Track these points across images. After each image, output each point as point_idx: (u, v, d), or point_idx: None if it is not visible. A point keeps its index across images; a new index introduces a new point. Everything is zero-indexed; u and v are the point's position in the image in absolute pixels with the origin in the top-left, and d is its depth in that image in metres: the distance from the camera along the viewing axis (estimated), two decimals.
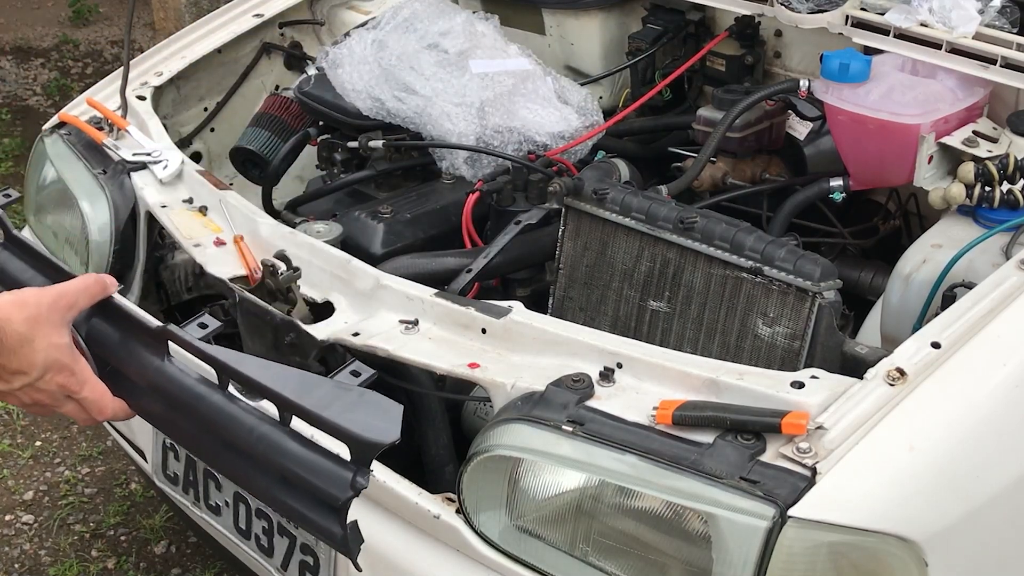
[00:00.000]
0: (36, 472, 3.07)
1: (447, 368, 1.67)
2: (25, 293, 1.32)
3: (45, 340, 1.29)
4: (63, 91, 5.21)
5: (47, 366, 1.30)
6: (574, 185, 1.98)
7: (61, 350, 1.30)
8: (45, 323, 1.29)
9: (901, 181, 2.08)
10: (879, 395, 1.46)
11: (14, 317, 1.27)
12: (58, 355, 1.30)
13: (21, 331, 1.27)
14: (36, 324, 1.28)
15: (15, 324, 1.27)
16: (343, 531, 1.25)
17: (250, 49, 2.70)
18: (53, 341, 1.30)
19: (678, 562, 1.46)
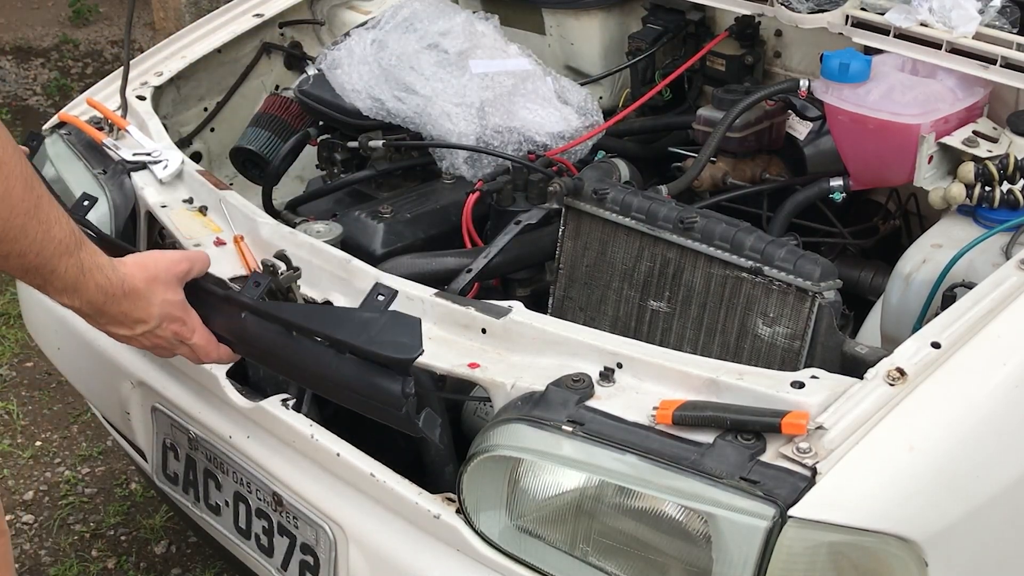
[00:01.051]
0: (36, 472, 3.07)
1: (447, 368, 1.67)
2: (148, 256, 1.59)
3: (160, 296, 1.57)
4: (63, 91, 5.22)
5: (162, 316, 1.58)
6: (574, 185, 1.98)
7: (174, 305, 1.60)
8: (162, 282, 1.57)
9: (901, 181, 2.08)
10: (879, 395, 1.46)
11: (137, 275, 1.54)
12: (171, 309, 1.59)
13: (140, 288, 1.54)
14: (154, 282, 1.56)
15: (137, 282, 1.54)
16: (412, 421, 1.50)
17: (250, 49, 2.70)
18: (167, 297, 1.58)
19: (678, 562, 1.46)
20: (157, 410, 2.04)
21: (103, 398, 2.27)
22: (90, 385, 2.33)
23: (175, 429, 2.01)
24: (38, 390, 3.38)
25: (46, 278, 1.45)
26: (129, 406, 2.12)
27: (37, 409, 3.30)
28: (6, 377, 3.42)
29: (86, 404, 3.04)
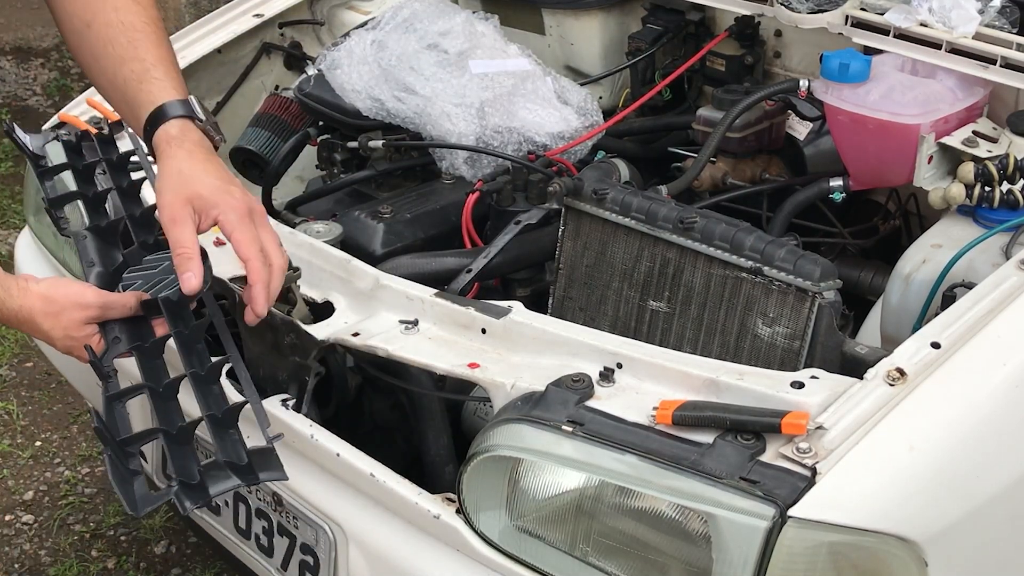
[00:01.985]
0: (36, 472, 3.07)
1: (447, 368, 1.67)
2: (58, 290, 1.54)
3: (62, 330, 1.54)
4: (63, 91, 5.22)
5: (65, 349, 1.57)
6: (574, 185, 1.98)
7: (77, 340, 1.55)
8: (63, 320, 1.53)
9: (901, 181, 2.08)
10: (879, 395, 1.46)
11: (36, 308, 1.51)
12: (74, 344, 1.56)
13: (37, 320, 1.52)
14: (55, 319, 1.52)
15: (35, 315, 1.52)
16: None
17: (250, 49, 2.70)
18: (70, 333, 1.54)
19: (678, 562, 1.46)
20: None
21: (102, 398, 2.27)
22: (90, 385, 2.33)
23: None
24: (38, 390, 3.38)
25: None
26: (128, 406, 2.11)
27: (37, 409, 3.30)
28: (6, 377, 3.42)
29: (86, 404, 3.03)
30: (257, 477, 1.43)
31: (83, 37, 1.67)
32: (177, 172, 1.52)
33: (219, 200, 1.50)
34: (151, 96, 1.59)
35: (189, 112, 1.59)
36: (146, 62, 1.62)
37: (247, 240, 1.50)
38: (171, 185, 1.51)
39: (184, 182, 1.50)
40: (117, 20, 1.65)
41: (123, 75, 1.62)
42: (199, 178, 1.51)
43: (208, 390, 1.53)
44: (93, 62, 1.67)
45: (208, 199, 1.50)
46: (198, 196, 1.50)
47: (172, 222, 1.49)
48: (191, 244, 1.48)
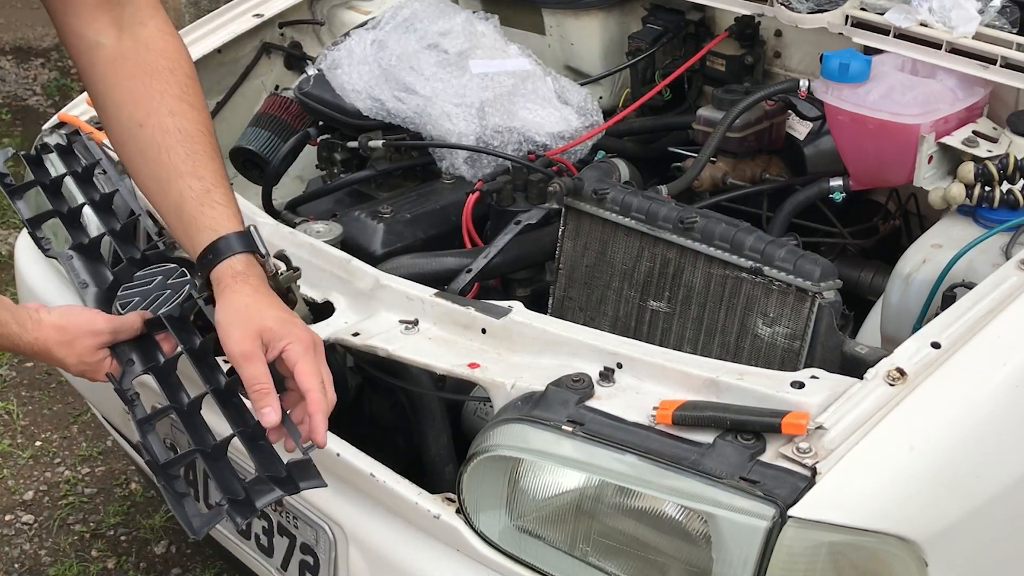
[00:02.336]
0: (36, 472, 3.07)
1: (447, 368, 1.67)
2: (70, 319, 1.59)
3: (75, 359, 1.59)
4: (63, 91, 5.22)
5: (81, 373, 1.62)
6: (574, 185, 1.98)
7: (91, 365, 1.61)
8: (77, 348, 1.58)
9: (901, 181, 2.08)
10: (879, 395, 1.46)
11: (51, 340, 1.56)
12: (88, 369, 1.61)
13: (52, 350, 1.58)
14: (68, 347, 1.58)
15: (50, 345, 1.57)
16: None
17: (250, 49, 2.70)
18: (84, 359, 1.60)
19: (678, 562, 1.46)
20: None
21: (103, 398, 2.27)
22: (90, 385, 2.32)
23: (175, 429, 2.01)
24: (38, 390, 3.38)
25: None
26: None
27: (37, 409, 3.30)
28: (6, 377, 3.42)
29: (86, 404, 3.04)
30: (297, 487, 1.49)
31: (133, 136, 1.63)
32: (244, 307, 1.52)
33: (286, 332, 1.51)
34: (213, 223, 1.57)
35: (252, 247, 1.58)
36: (206, 180, 1.59)
37: (310, 372, 1.50)
38: (239, 320, 1.51)
39: (251, 317, 1.51)
40: (174, 126, 1.60)
41: (180, 189, 1.58)
42: (265, 312, 1.53)
43: (230, 403, 1.58)
44: (142, 163, 1.63)
45: (276, 331, 1.51)
46: (267, 329, 1.51)
47: (245, 358, 1.49)
48: (266, 379, 1.49)
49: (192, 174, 1.59)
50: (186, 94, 1.63)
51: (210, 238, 1.56)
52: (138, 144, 1.63)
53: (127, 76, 1.63)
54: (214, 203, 1.58)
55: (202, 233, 1.57)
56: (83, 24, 1.64)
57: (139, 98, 1.62)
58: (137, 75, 1.63)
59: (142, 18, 1.65)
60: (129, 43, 1.64)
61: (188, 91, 1.64)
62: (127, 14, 1.64)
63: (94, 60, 1.66)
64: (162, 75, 1.63)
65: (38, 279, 2.33)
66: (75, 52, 1.68)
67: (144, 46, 1.64)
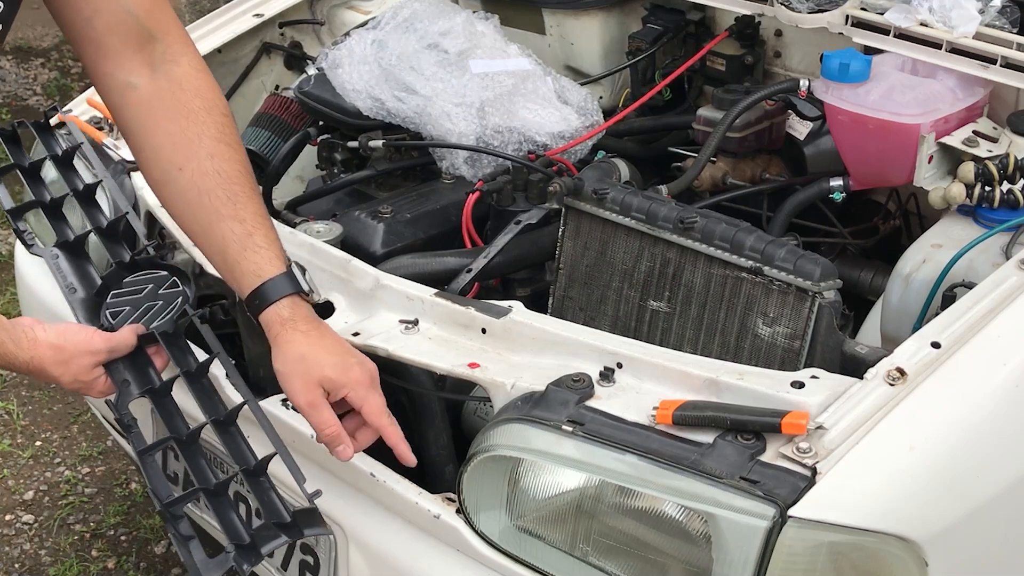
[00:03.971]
0: (36, 472, 3.07)
1: (447, 368, 1.67)
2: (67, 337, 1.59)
3: (71, 377, 1.60)
4: (63, 91, 5.21)
5: (75, 389, 1.64)
6: (574, 185, 1.98)
7: (87, 383, 1.63)
8: (73, 367, 1.59)
9: (901, 181, 2.08)
10: (879, 395, 1.46)
11: (47, 358, 1.57)
12: (83, 386, 1.63)
13: (48, 369, 1.58)
14: (65, 366, 1.59)
15: (46, 364, 1.57)
16: None
17: (250, 49, 2.71)
18: (79, 378, 1.61)
19: (678, 562, 1.46)
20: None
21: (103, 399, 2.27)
22: None
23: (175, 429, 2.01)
24: (38, 390, 3.38)
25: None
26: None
27: (37, 409, 3.30)
28: (6, 377, 3.42)
29: (86, 404, 3.04)
30: (302, 533, 1.54)
31: (173, 180, 1.62)
32: (301, 358, 1.56)
33: (347, 380, 1.56)
34: (256, 268, 1.58)
35: (296, 287, 1.59)
36: (247, 223, 1.59)
37: (377, 411, 1.58)
38: (299, 371, 1.56)
39: (310, 367, 1.55)
40: (213, 169, 1.59)
41: (222, 232, 1.59)
42: (322, 359, 1.56)
43: (229, 434, 1.62)
44: (184, 206, 1.63)
45: (337, 380, 1.56)
46: (326, 379, 1.55)
47: (311, 407, 1.55)
48: (334, 422, 1.55)
49: (233, 217, 1.59)
50: (223, 134, 1.62)
51: (254, 283, 1.58)
52: (178, 188, 1.62)
53: (163, 119, 1.61)
54: (256, 247, 1.58)
55: (246, 278, 1.58)
56: (114, 64, 1.61)
57: (177, 142, 1.60)
58: (173, 118, 1.61)
59: (174, 55, 1.62)
60: (163, 83, 1.61)
61: (225, 131, 1.62)
62: (158, 52, 1.61)
63: (127, 101, 1.63)
64: (198, 116, 1.61)
65: (38, 279, 2.33)
66: (105, 91, 1.65)
67: (178, 86, 1.61)
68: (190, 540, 1.53)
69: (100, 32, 1.59)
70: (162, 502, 1.55)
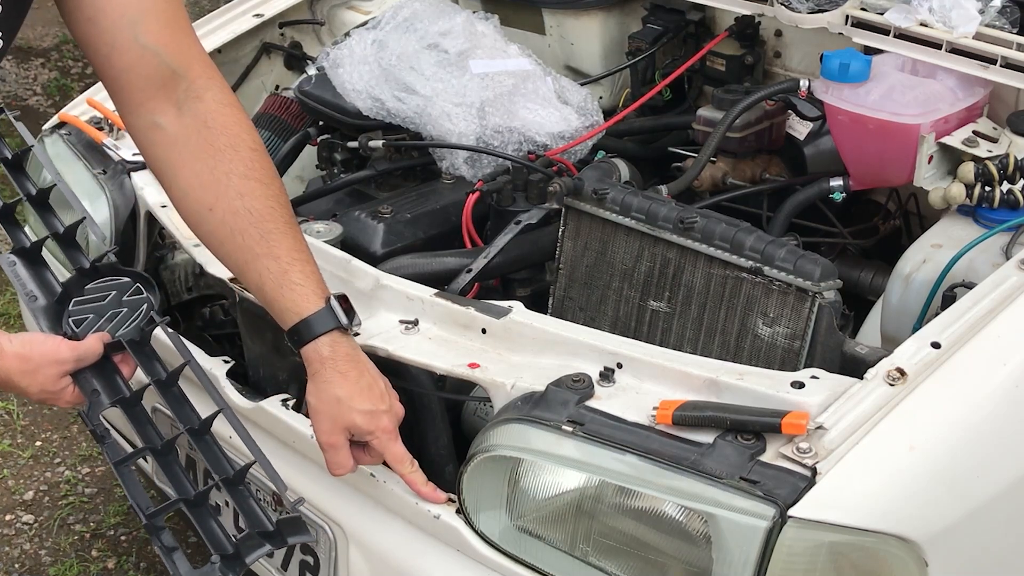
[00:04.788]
0: (36, 472, 3.07)
1: (447, 368, 1.67)
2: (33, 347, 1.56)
3: (38, 387, 1.57)
4: (63, 91, 5.21)
5: (42, 400, 1.61)
6: (574, 185, 1.98)
7: (53, 393, 1.60)
8: (41, 375, 1.56)
9: (901, 181, 2.08)
10: (879, 395, 1.46)
11: (13, 368, 1.53)
12: (49, 396, 1.60)
13: (15, 379, 1.54)
14: (32, 376, 1.55)
15: (12, 374, 1.53)
16: None
17: (250, 49, 2.70)
18: (46, 388, 1.58)
19: (678, 562, 1.46)
20: (158, 410, 2.04)
21: None
22: None
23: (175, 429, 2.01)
24: None
25: None
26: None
27: (37, 409, 3.30)
28: None
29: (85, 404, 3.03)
30: (285, 541, 1.53)
31: (205, 220, 1.61)
32: (336, 400, 1.57)
33: (373, 428, 1.59)
34: (295, 306, 1.58)
35: (336, 323, 1.58)
36: (281, 260, 1.58)
37: (398, 457, 1.62)
38: (329, 412, 1.58)
39: (342, 411, 1.57)
40: (244, 208, 1.58)
41: (258, 270, 1.59)
42: (355, 405, 1.58)
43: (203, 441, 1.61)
44: (219, 246, 1.63)
45: (363, 427, 1.58)
46: (355, 426, 1.58)
47: (332, 448, 1.60)
48: (349, 465, 1.61)
49: (267, 255, 1.58)
50: (252, 170, 1.59)
51: (293, 320, 1.57)
52: (210, 227, 1.61)
53: (191, 159, 1.60)
54: (292, 284, 1.58)
55: (286, 315, 1.58)
56: (138, 103, 1.60)
57: (205, 182, 1.59)
58: (201, 157, 1.59)
59: (198, 92, 1.60)
60: (189, 121, 1.59)
61: (254, 166, 1.60)
62: (182, 89, 1.59)
63: (154, 141, 1.62)
64: (225, 154, 1.58)
65: None
66: (132, 130, 1.65)
67: (203, 124, 1.59)
68: (173, 551, 1.51)
69: (120, 70, 1.58)
70: (144, 513, 1.52)
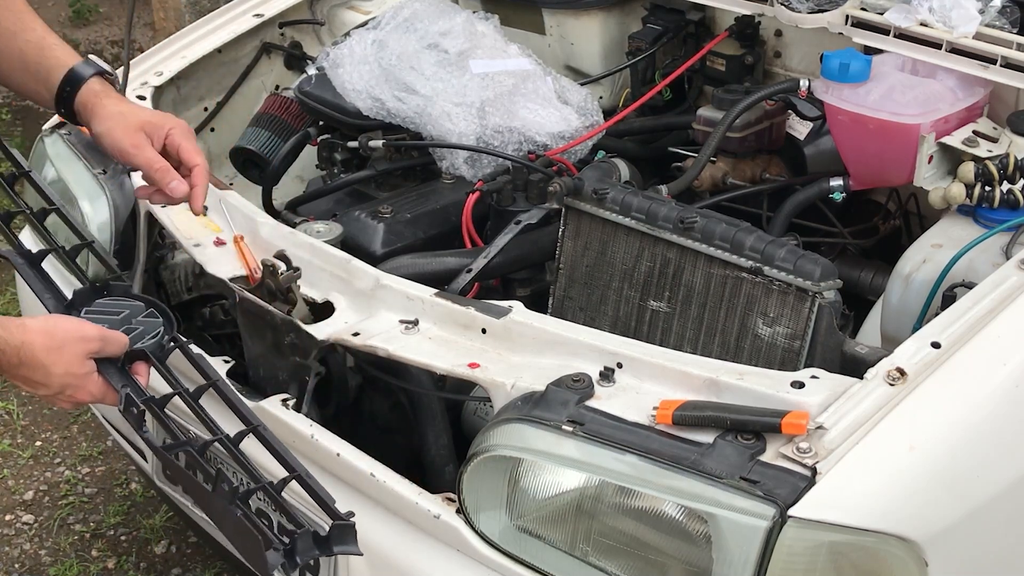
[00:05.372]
0: (36, 472, 3.07)
1: (447, 368, 1.67)
2: (58, 325, 1.51)
3: (63, 368, 1.49)
4: None
5: (64, 386, 1.51)
6: (574, 185, 1.98)
7: (79, 377, 1.51)
8: (66, 355, 1.49)
9: (901, 181, 2.08)
10: (879, 395, 1.46)
11: (37, 343, 1.47)
12: (75, 381, 1.51)
13: (40, 357, 1.47)
14: (56, 353, 1.48)
15: (37, 350, 1.47)
16: None
17: (250, 49, 2.70)
18: (71, 370, 1.50)
19: (678, 562, 1.46)
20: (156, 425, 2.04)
21: None
22: None
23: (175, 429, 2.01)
24: None
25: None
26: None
27: (37, 409, 3.30)
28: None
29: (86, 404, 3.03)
30: (331, 550, 1.51)
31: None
32: (119, 113, 1.70)
33: (164, 121, 1.70)
34: (59, 61, 1.72)
35: (101, 70, 1.74)
36: (37, 31, 1.75)
37: (195, 149, 1.72)
38: (118, 123, 1.69)
39: (127, 116, 1.69)
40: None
41: (18, 46, 1.73)
42: (139, 112, 1.72)
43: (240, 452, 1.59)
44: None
45: (155, 122, 1.70)
46: (147, 122, 1.69)
47: (135, 148, 1.68)
48: (160, 159, 1.68)
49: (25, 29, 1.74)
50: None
51: (61, 74, 1.72)
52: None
53: None
54: (51, 47, 1.74)
55: (52, 73, 1.72)
56: None
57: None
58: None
59: None
60: None
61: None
62: None
63: None
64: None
65: None
66: None
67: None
68: None
69: None
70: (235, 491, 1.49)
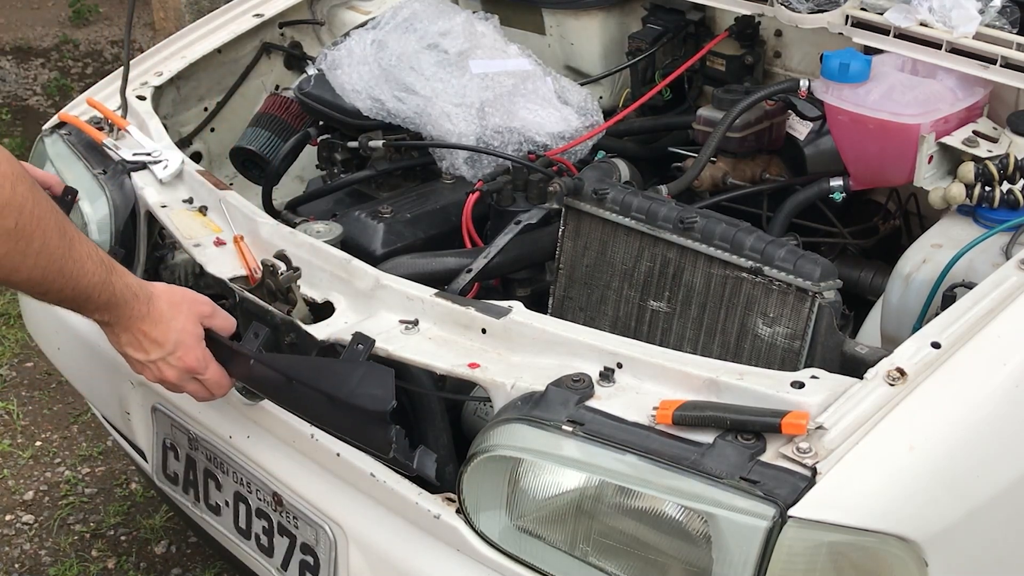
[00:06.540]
0: (36, 472, 3.07)
1: (447, 368, 1.67)
2: (173, 287, 1.70)
3: (180, 323, 1.65)
4: (63, 91, 5.22)
5: (177, 344, 1.66)
6: (574, 185, 1.98)
7: (192, 336, 1.67)
8: (184, 312, 1.66)
9: (901, 181, 2.08)
10: (879, 395, 1.46)
11: (163, 298, 1.65)
12: (187, 338, 1.66)
13: (163, 309, 1.64)
14: (176, 309, 1.65)
15: (161, 303, 1.64)
16: None
17: (250, 49, 2.70)
18: (188, 328, 1.66)
19: (678, 562, 1.46)
20: (157, 410, 2.04)
21: (103, 398, 2.27)
22: (90, 385, 2.33)
23: (175, 429, 2.02)
24: (38, 390, 3.38)
25: (81, 304, 1.58)
26: (129, 406, 2.12)
27: (37, 409, 3.30)
28: (6, 377, 3.42)
29: (86, 404, 3.04)
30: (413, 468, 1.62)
31: None
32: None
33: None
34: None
35: None
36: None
37: None
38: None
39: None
40: None
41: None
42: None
43: None
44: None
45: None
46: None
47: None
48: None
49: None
50: None
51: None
52: None
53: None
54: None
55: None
56: None
57: None
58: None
59: None
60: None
61: None
62: None
63: None
64: None
65: None
66: None
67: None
68: None
69: None
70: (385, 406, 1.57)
